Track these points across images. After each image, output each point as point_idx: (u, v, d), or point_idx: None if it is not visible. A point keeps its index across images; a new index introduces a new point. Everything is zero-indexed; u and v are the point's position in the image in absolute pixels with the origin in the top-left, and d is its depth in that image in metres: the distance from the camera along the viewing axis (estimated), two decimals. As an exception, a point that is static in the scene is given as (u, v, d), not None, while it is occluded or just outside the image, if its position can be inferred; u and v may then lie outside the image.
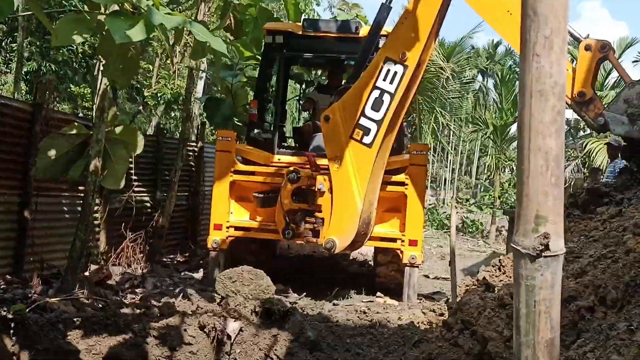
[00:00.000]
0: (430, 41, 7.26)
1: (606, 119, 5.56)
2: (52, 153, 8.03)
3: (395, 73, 7.29)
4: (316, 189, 8.16)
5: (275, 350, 6.05)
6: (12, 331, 5.40)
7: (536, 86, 1.88)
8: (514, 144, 25.98)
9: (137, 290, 8.63)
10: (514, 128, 25.30)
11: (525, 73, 1.91)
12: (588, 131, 22.13)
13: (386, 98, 7.39)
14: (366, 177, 7.67)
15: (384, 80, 7.36)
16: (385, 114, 7.44)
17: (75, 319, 5.94)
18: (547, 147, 1.88)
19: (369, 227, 8.12)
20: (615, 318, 3.46)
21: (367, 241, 9.36)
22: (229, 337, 5.98)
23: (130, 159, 9.18)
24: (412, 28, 7.12)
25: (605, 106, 5.73)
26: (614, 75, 21.66)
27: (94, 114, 8.89)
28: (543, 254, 1.90)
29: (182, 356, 5.88)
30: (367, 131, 7.55)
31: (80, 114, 17.01)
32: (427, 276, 11.94)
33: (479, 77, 46.93)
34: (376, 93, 7.43)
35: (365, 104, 7.50)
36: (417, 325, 7.06)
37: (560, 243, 1.93)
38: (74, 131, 8.37)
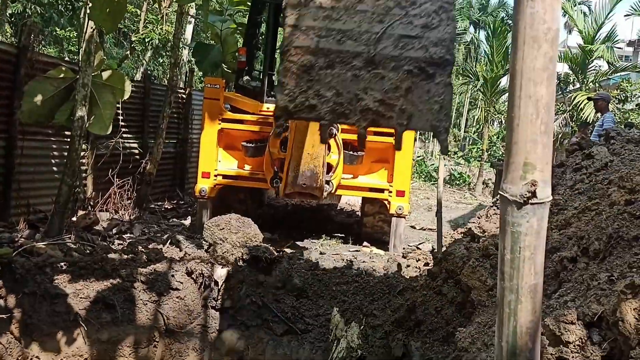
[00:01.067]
0: None
1: None
2: (39, 98, 7.91)
3: None
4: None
5: (262, 296, 6.13)
6: (-2, 274, 5.43)
7: (529, 32, 1.86)
8: (504, 97, 25.89)
9: (124, 236, 8.64)
10: (504, 81, 25.18)
11: (519, 19, 1.88)
12: (577, 85, 22.03)
13: None
14: (299, 129, 7.45)
15: None
16: None
17: (62, 264, 5.97)
18: (538, 94, 1.87)
19: (314, 181, 7.93)
20: (597, 269, 3.51)
21: (355, 191, 9.41)
22: (216, 283, 6.05)
23: (117, 105, 9.07)
24: None
25: None
26: (605, 29, 21.49)
27: (80, 58, 8.74)
28: (530, 201, 1.91)
29: (170, 301, 5.94)
30: None
31: (67, 58, 16.74)
32: (413, 227, 12.04)
33: (471, 29, 46.57)
34: None
35: None
36: (402, 274, 7.15)
37: (547, 191, 1.94)
38: (61, 75, 8.24)
